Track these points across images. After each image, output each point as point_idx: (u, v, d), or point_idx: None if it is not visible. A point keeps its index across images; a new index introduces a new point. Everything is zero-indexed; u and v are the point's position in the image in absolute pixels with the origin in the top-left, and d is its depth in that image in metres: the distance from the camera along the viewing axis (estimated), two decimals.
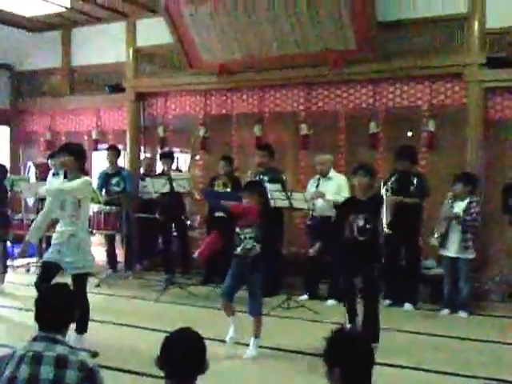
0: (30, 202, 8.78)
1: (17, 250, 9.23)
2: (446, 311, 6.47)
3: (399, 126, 8.07)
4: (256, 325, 5.07)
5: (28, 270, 8.60)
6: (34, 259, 8.72)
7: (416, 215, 6.77)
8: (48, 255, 5.10)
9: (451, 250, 6.41)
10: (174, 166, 8.55)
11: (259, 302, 5.13)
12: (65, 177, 5.24)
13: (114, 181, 8.49)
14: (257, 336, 5.06)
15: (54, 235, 5.14)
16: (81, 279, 5.00)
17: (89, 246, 5.13)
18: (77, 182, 4.99)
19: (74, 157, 5.06)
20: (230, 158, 7.93)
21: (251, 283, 5.07)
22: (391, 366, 4.74)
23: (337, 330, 2.44)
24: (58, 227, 5.13)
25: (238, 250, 5.03)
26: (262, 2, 7.60)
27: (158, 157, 9.19)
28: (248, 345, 5.07)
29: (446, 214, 6.39)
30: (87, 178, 5.19)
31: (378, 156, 7.86)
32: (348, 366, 2.30)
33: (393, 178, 6.61)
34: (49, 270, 4.98)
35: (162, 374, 2.46)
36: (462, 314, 6.36)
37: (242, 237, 5.00)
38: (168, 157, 8.37)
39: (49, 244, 6.14)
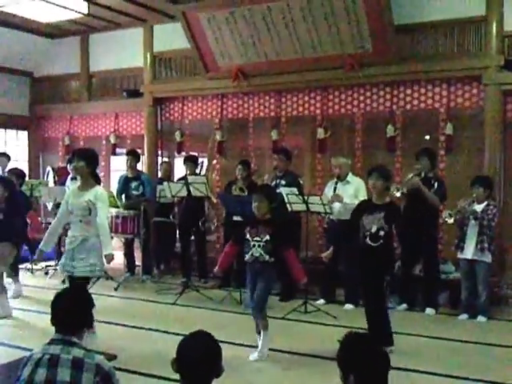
0: (49, 206, 8.87)
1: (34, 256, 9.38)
2: (464, 316, 6.41)
3: (417, 130, 8.02)
4: (262, 322, 5.04)
5: (46, 273, 8.67)
6: (52, 262, 8.79)
7: (433, 219, 6.73)
8: (61, 269, 5.15)
9: (468, 253, 6.35)
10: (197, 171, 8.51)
11: (263, 302, 5.05)
12: None
13: (134, 185, 8.52)
14: (264, 328, 5.01)
15: (67, 240, 5.17)
16: (83, 281, 4.98)
17: (100, 251, 5.08)
18: (105, 207, 5.09)
19: (85, 162, 5.08)
20: (247, 163, 7.93)
21: (259, 285, 5.03)
22: (408, 370, 4.72)
23: (349, 334, 2.42)
24: (70, 232, 5.17)
25: (247, 256, 5.02)
26: (278, 7, 7.62)
27: (177, 161, 9.21)
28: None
29: (464, 209, 6.32)
30: (102, 189, 5.20)
31: (395, 159, 7.82)
32: (363, 372, 2.27)
33: (414, 173, 6.61)
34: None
35: (177, 377, 2.47)
36: (481, 319, 6.30)
37: (251, 244, 4.98)
38: (191, 161, 8.35)
39: None
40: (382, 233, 5.12)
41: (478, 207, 6.33)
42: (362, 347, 2.34)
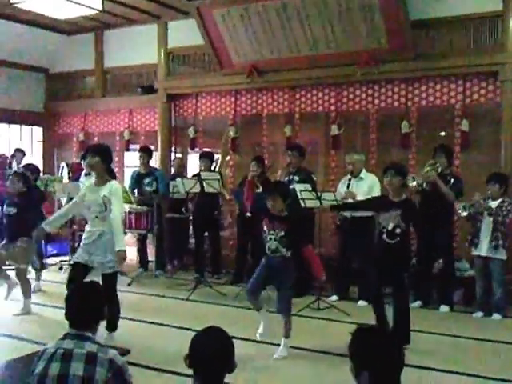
0: (63, 201, 8.91)
1: (50, 249, 9.46)
2: (479, 313, 6.36)
3: (432, 126, 7.96)
4: (285, 325, 5.05)
5: (61, 268, 8.72)
6: (66, 257, 8.84)
7: (448, 216, 6.68)
8: (77, 255, 5.16)
9: (482, 250, 6.30)
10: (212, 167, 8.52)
11: (288, 301, 5.09)
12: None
13: (147, 181, 8.54)
14: (287, 336, 5.04)
15: (84, 235, 5.20)
16: (111, 278, 5.04)
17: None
18: (119, 203, 5.07)
19: (100, 158, 5.08)
20: (261, 159, 7.90)
21: (280, 284, 5.04)
22: (421, 367, 4.69)
23: (362, 328, 2.37)
24: (87, 227, 5.19)
25: (266, 247, 5.01)
26: (292, 3, 7.59)
27: (190, 157, 9.21)
28: (278, 344, 5.06)
29: (479, 204, 6.27)
30: (116, 184, 5.19)
31: (410, 156, 7.77)
32: (379, 369, 2.20)
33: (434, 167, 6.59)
34: (78, 271, 5.03)
35: (190, 372, 2.47)
36: (496, 317, 6.25)
37: (268, 237, 4.99)
38: (207, 157, 8.34)
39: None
40: (398, 230, 5.09)
41: (493, 204, 6.28)
42: (378, 343, 2.28)
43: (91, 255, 5.04)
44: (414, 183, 6.51)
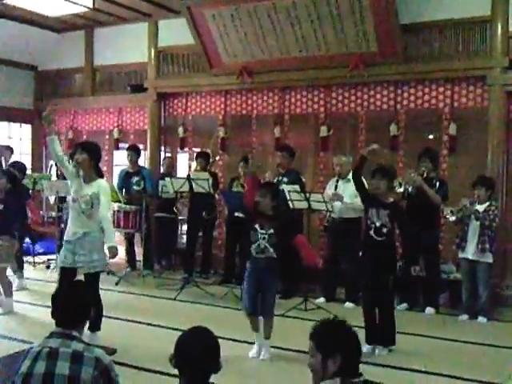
0: (51, 199, 8.89)
1: (37, 247, 9.40)
2: (464, 316, 6.41)
3: (420, 129, 8.01)
4: (267, 326, 5.05)
5: (48, 267, 8.69)
6: (53, 256, 8.80)
7: (434, 219, 6.73)
8: (62, 259, 5.09)
9: (469, 253, 6.35)
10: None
11: (272, 303, 5.09)
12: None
13: (135, 180, 8.54)
14: (267, 337, 5.05)
15: (66, 233, 5.13)
16: (93, 277, 5.00)
17: (102, 245, 5.10)
18: (107, 200, 5.03)
19: (88, 155, 5.05)
20: (249, 159, 7.91)
21: (265, 285, 5.03)
22: (407, 369, 4.72)
23: (324, 320, 2.55)
24: (70, 225, 5.11)
25: (253, 247, 5.01)
26: (283, 4, 7.61)
27: (179, 157, 9.18)
28: (272, 346, 5.08)
29: (465, 208, 6.32)
30: (105, 182, 5.18)
31: (398, 159, 7.81)
32: (350, 351, 2.38)
33: (419, 172, 6.62)
34: (67, 276, 4.96)
35: (177, 372, 2.48)
36: (481, 320, 6.30)
37: (259, 235, 4.99)
38: (203, 157, 8.26)
39: None
40: (384, 230, 5.14)
41: (480, 207, 6.33)
42: (345, 329, 2.47)
43: (75, 255, 4.99)
44: (401, 189, 6.55)
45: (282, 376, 4.69)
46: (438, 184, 6.67)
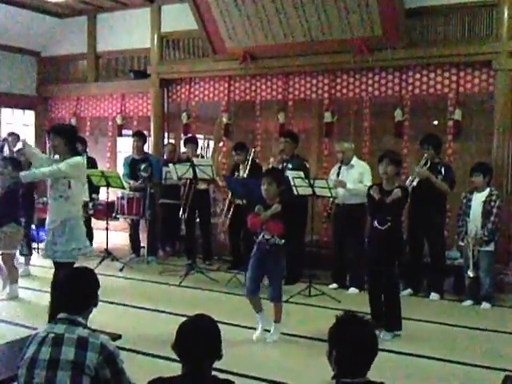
0: (48, 183, 8.83)
1: (42, 233, 9.39)
2: (468, 302, 6.41)
3: (425, 115, 7.96)
4: (276, 310, 5.11)
5: None
6: None
7: (440, 205, 6.71)
8: (45, 253, 5.08)
9: (470, 243, 6.31)
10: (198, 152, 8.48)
11: (280, 288, 5.15)
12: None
13: (143, 166, 8.43)
14: (277, 321, 5.10)
15: (47, 220, 5.06)
16: (68, 267, 4.56)
17: (81, 232, 5.02)
18: (66, 163, 4.82)
19: (62, 139, 4.90)
20: (240, 146, 7.86)
21: (271, 272, 5.09)
22: (411, 355, 4.74)
23: (346, 313, 2.45)
24: (49, 212, 5.03)
25: (259, 237, 5.03)
26: None
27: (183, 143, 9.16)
28: (269, 330, 5.11)
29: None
30: (78, 158, 5.03)
31: (402, 144, 7.77)
32: (344, 349, 2.29)
33: (422, 163, 6.57)
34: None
35: None
36: (485, 306, 6.30)
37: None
38: (192, 142, 8.33)
39: None
40: (388, 218, 5.13)
41: (479, 196, 6.31)
42: (350, 326, 2.37)
43: (54, 245, 4.90)
44: (415, 183, 6.49)
45: (285, 360, 4.70)
46: (443, 169, 6.63)
